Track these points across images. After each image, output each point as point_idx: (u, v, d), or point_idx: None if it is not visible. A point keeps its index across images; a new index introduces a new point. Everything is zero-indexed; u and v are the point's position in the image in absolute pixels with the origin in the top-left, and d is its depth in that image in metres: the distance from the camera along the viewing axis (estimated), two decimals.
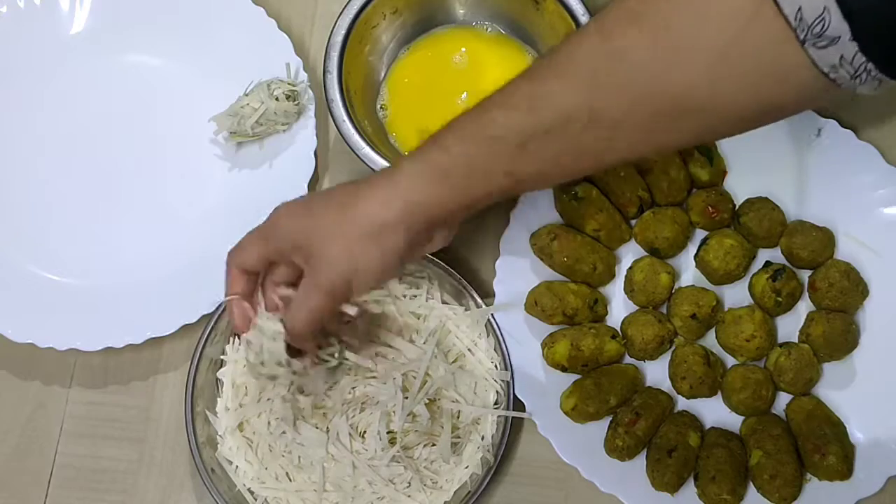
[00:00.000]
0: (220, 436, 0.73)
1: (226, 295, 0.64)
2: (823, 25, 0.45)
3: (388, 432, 0.70)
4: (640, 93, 0.52)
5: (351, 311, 0.62)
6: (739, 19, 0.48)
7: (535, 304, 0.73)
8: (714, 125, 0.55)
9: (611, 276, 0.76)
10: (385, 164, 0.73)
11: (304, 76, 0.80)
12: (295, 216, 0.62)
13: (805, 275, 0.75)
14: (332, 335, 0.67)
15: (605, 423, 0.72)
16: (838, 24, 0.45)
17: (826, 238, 0.75)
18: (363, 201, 0.59)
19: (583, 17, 0.75)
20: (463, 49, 0.82)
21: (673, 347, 0.74)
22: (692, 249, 0.76)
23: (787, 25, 0.46)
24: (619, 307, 0.76)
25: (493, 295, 0.75)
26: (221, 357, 0.75)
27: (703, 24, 0.49)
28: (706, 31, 0.49)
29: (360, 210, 0.59)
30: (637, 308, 0.75)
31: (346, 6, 0.76)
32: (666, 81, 0.51)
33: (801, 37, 0.46)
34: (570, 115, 0.54)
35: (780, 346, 0.73)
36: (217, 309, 0.73)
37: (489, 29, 0.82)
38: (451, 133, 0.58)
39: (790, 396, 0.73)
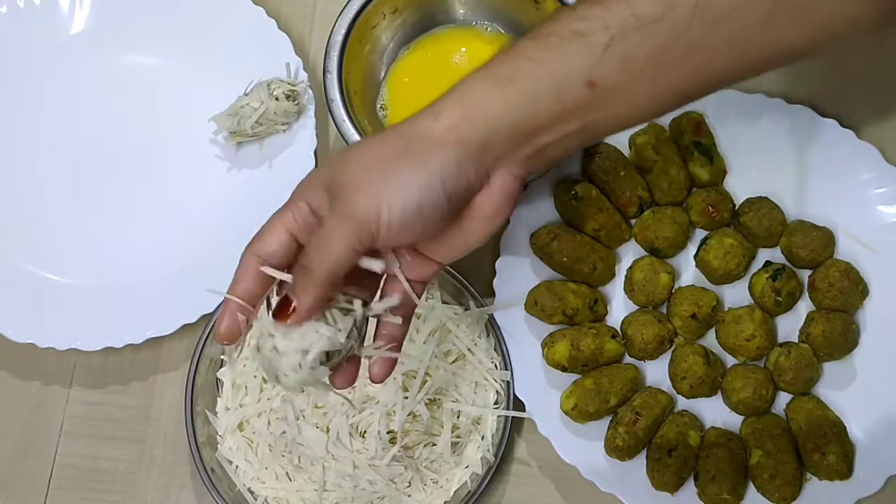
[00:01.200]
0: (220, 435, 0.73)
1: (229, 291, 0.52)
2: None
3: (388, 432, 0.70)
4: None
5: (376, 265, 0.49)
6: None
7: (535, 304, 0.73)
8: (838, 23, 0.46)
9: (611, 275, 0.76)
10: None
11: (303, 76, 0.80)
12: (329, 160, 0.53)
13: (805, 274, 0.75)
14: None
15: (605, 422, 0.72)
16: None
17: (826, 238, 0.75)
18: (412, 118, 0.49)
19: None
20: (463, 49, 0.82)
21: (673, 347, 0.74)
22: (692, 249, 0.76)
23: None
24: (618, 307, 0.76)
25: (493, 295, 0.75)
26: (221, 357, 0.75)
27: None
28: None
29: (404, 125, 0.49)
30: (637, 308, 0.75)
31: (345, 6, 0.76)
32: None
33: None
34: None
35: (780, 345, 0.73)
36: (217, 309, 0.73)
37: (489, 29, 0.82)
38: (531, 37, 0.48)
39: (790, 396, 0.73)
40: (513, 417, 0.71)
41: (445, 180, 0.47)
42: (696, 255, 0.75)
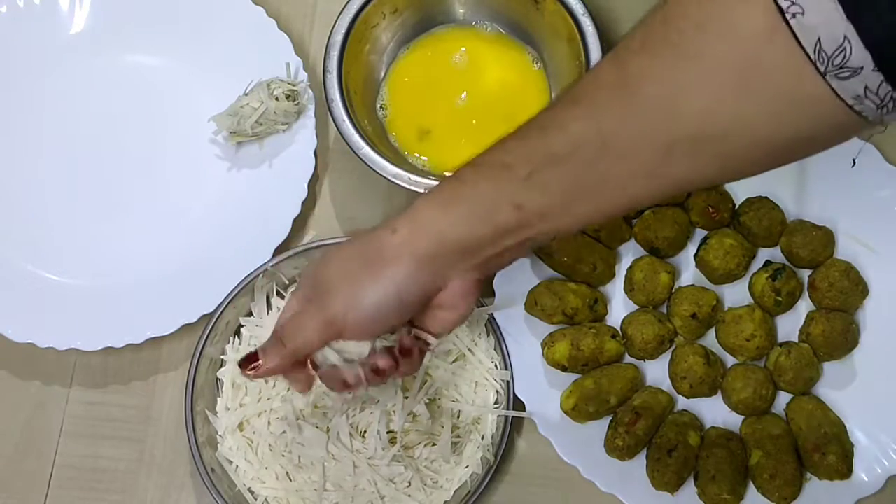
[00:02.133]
0: (220, 435, 0.73)
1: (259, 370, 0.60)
2: (844, 56, 0.43)
3: (388, 432, 0.70)
4: (654, 118, 0.49)
5: (333, 357, 0.58)
6: (756, 43, 0.45)
7: (535, 304, 0.73)
8: (738, 157, 0.50)
9: (611, 275, 0.76)
10: (385, 163, 0.73)
11: (303, 76, 0.80)
12: (317, 262, 0.60)
13: (805, 274, 0.75)
14: None
15: (605, 422, 0.72)
16: (860, 55, 0.43)
17: (826, 237, 0.75)
18: (374, 232, 0.57)
19: (583, 17, 0.75)
20: (463, 49, 0.82)
21: (673, 347, 0.74)
22: (692, 249, 0.76)
23: (805, 56, 0.44)
24: (618, 307, 0.76)
25: (493, 294, 0.75)
26: (221, 357, 0.75)
27: (719, 46, 0.46)
28: (722, 53, 0.46)
29: (369, 238, 0.57)
30: (637, 308, 0.75)
31: (345, 5, 0.76)
32: (681, 105, 0.48)
33: (822, 68, 0.44)
34: (581, 140, 0.51)
35: (780, 345, 0.73)
36: (217, 309, 0.73)
37: (489, 28, 0.82)
38: (470, 164, 0.56)
39: (790, 396, 0.73)
40: (513, 417, 0.71)
41: (399, 288, 0.55)
42: (696, 255, 0.75)
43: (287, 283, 0.76)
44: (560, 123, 0.52)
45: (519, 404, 0.72)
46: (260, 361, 0.59)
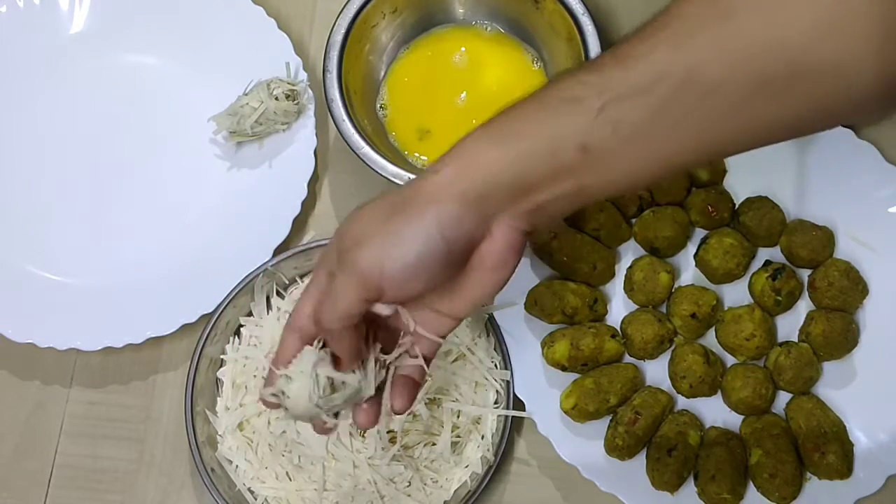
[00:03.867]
0: (220, 435, 0.73)
1: (273, 363, 0.54)
2: None
3: (388, 431, 0.70)
4: (749, 49, 0.45)
5: (384, 310, 0.51)
6: None
7: (535, 304, 0.73)
8: (830, 97, 0.46)
9: (610, 275, 0.76)
10: (385, 163, 0.73)
11: (303, 75, 0.80)
12: (338, 229, 0.53)
13: (805, 274, 0.75)
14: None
15: (604, 422, 0.72)
16: None
17: (826, 237, 0.75)
18: (415, 178, 0.51)
19: (582, 16, 0.75)
20: (462, 48, 0.82)
21: (673, 346, 0.74)
22: (692, 248, 0.76)
23: None
24: (618, 306, 0.76)
25: None
26: (221, 356, 0.75)
27: None
28: None
29: (407, 184, 0.51)
30: (637, 307, 0.75)
31: (345, 5, 0.76)
32: (780, 35, 0.44)
33: None
34: (664, 71, 0.46)
35: (780, 345, 0.73)
36: (217, 309, 0.73)
37: (489, 28, 0.82)
38: (531, 98, 0.50)
39: (790, 395, 0.73)
40: (512, 417, 0.72)
41: (444, 230, 0.49)
42: (695, 255, 0.75)
43: (287, 282, 0.76)
44: (640, 54, 0.47)
45: (519, 404, 0.72)
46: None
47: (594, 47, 0.74)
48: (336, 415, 0.54)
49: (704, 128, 0.48)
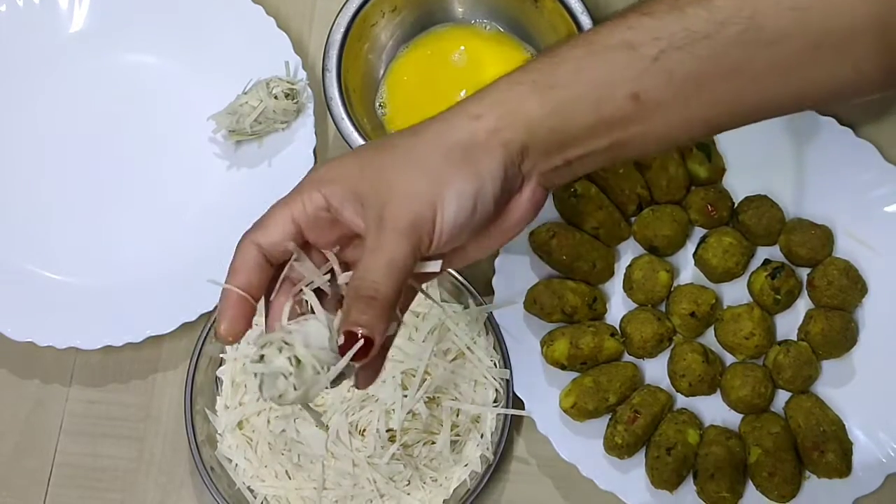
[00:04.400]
0: (219, 434, 0.73)
1: (227, 281, 0.47)
2: None
3: (387, 430, 0.70)
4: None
5: (434, 266, 0.46)
6: None
7: (534, 303, 0.73)
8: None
9: (610, 273, 0.76)
10: None
11: (302, 74, 0.80)
12: (348, 160, 0.47)
13: (804, 273, 0.75)
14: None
15: (604, 420, 0.72)
16: None
17: (825, 236, 0.75)
18: (444, 119, 0.47)
19: (581, 15, 0.75)
20: (462, 47, 0.82)
21: (672, 345, 0.74)
22: (691, 247, 0.76)
23: None
24: (618, 305, 0.76)
25: (492, 293, 0.75)
26: (221, 355, 0.75)
27: None
28: None
29: (440, 127, 0.47)
30: (636, 306, 0.75)
31: (344, 4, 0.76)
32: None
33: None
34: (727, 17, 0.43)
35: (779, 343, 0.73)
36: (216, 307, 0.73)
37: (488, 27, 0.82)
38: (572, 44, 0.46)
39: (789, 394, 0.73)
40: (512, 416, 0.72)
41: (496, 187, 0.46)
42: (695, 254, 0.75)
43: None
44: None
45: (518, 403, 0.72)
46: (364, 334, 0.44)
47: None
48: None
49: (759, 79, 0.45)
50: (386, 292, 0.44)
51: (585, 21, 0.75)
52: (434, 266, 0.46)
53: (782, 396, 0.73)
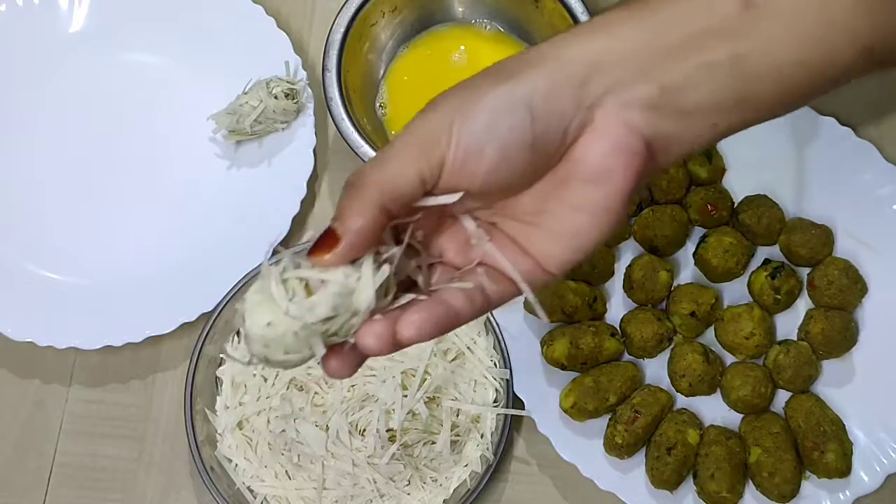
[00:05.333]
0: (219, 434, 0.73)
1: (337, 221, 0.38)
2: None
3: (387, 430, 0.70)
4: None
5: (443, 199, 0.39)
6: None
7: None
8: None
9: (610, 273, 0.76)
10: None
11: (302, 74, 0.80)
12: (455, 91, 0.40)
13: (804, 272, 0.75)
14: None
15: (604, 420, 0.72)
16: None
17: (825, 235, 0.75)
18: (542, 46, 0.39)
19: (581, 16, 0.75)
20: (462, 47, 0.82)
21: (672, 345, 0.74)
22: (691, 247, 0.76)
23: None
24: (618, 305, 0.76)
25: None
26: (220, 355, 0.75)
27: None
28: None
29: (504, 59, 0.40)
30: (636, 306, 0.75)
31: (344, 4, 0.76)
32: None
33: None
34: None
35: (780, 343, 0.73)
36: (216, 307, 0.73)
37: (488, 27, 0.82)
38: None
39: (789, 394, 0.73)
40: (512, 416, 0.71)
41: (533, 99, 0.37)
42: (695, 253, 0.75)
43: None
44: None
45: (518, 403, 0.72)
46: (338, 230, 0.37)
47: None
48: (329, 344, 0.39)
49: None
50: (370, 185, 0.37)
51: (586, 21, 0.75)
52: (450, 197, 0.38)
53: (782, 396, 0.73)
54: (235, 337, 0.76)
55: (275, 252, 0.44)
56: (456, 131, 0.37)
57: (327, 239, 0.37)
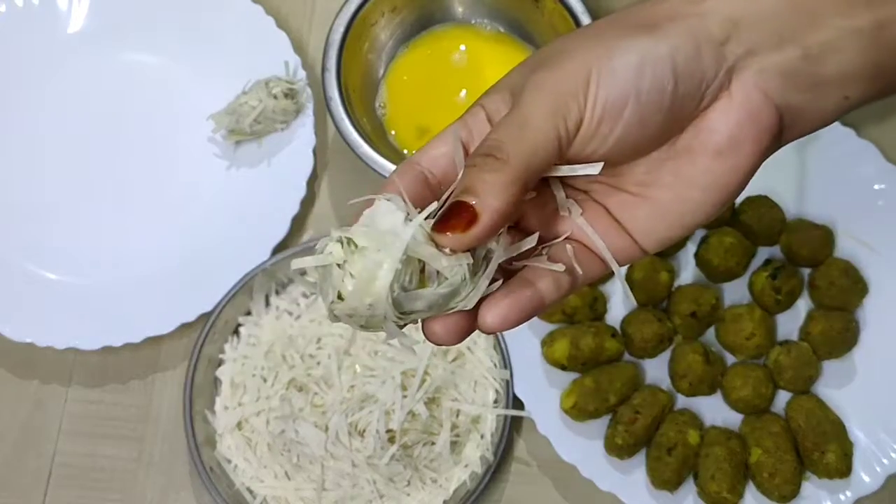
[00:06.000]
0: (218, 434, 0.73)
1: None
2: None
3: (387, 431, 0.70)
4: None
5: (592, 168, 0.35)
6: None
7: None
8: None
9: (610, 273, 0.76)
10: (384, 162, 0.73)
11: (302, 74, 0.80)
12: (517, 66, 0.38)
13: (805, 273, 0.75)
14: None
15: (604, 421, 0.72)
16: None
17: (825, 236, 0.75)
18: (645, 1, 0.36)
19: (582, 16, 0.75)
20: (462, 47, 0.82)
21: (672, 345, 0.74)
22: (692, 247, 0.76)
23: None
24: (618, 305, 0.76)
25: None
26: (220, 356, 0.75)
27: None
28: None
29: (632, 7, 0.36)
30: (637, 306, 0.75)
31: (344, 4, 0.76)
32: None
33: None
34: None
35: (780, 344, 0.73)
36: (215, 308, 0.73)
37: (488, 27, 0.82)
38: None
39: (790, 394, 0.73)
40: (512, 416, 0.71)
41: (676, 57, 0.34)
42: (695, 254, 0.75)
43: (286, 281, 0.76)
44: None
45: (518, 403, 0.72)
46: (477, 207, 0.33)
47: None
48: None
49: None
50: (515, 157, 0.33)
51: (586, 21, 0.75)
52: (593, 168, 0.34)
53: (783, 397, 0.73)
54: (234, 337, 0.75)
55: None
56: (595, 86, 0.34)
57: (463, 213, 0.33)
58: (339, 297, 0.33)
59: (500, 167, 0.33)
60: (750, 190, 0.75)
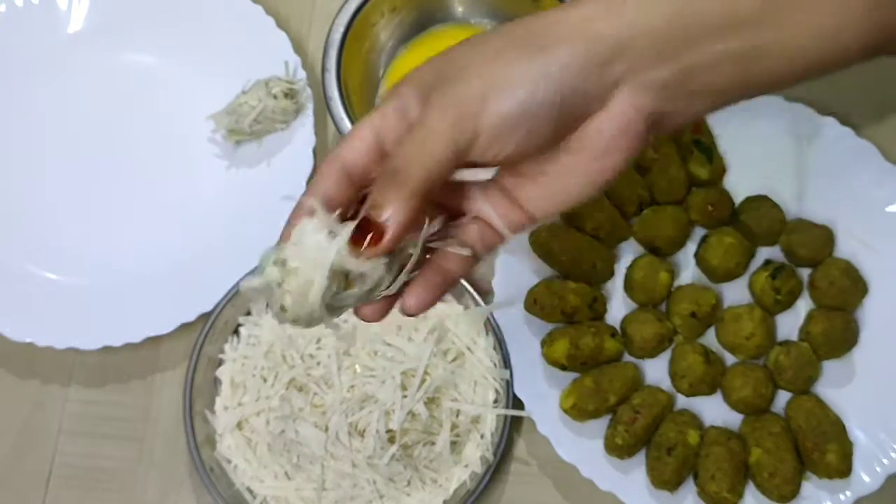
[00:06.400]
0: (218, 434, 0.73)
1: (305, 194, 0.43)
2: None
3: (387, 431, 0.70)
4: None
5: (482, 174, 0.42)
6: None
7: (535, 303, 0.73)
8: None
9: (610, 274, 0.76)
10: None
11: (302, 74, 0.80)
12: (432, 58, 0.42)
13: (805, 273, 0.75)
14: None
15: (604, 421, 0.72)
16: None
17: (825, 236, 0.75)
18: (547, 11, 0.40)
19: None
20: None
21: (672, 346, 0.74)
22: (692, 248, 0.76)
23: None
24: (618, 305, 0.76)
25: (492, 293, 0.75)
26: (220, 356, 0.75)
27: None
28: None
29: (529, 17, 0.41)
30: (636, 306, 0.75)
31: (344, 4, 0.76)
32: None
33: None
34: None
35: (780, 344, 0.73)
36: (215, 308, 0.73)
37: (488, 27, 0.82)
38: None
39: (790, 394, 0.73)
40: (512, 416, 0.71)
41: (563, 78, 0.38)
42: (695, 254, 0.75)
43: None
44: None
45: (518, 403, 0.72)
46: (383, 222, 0.39)
47: None
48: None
49: None
50: (415, 173, 0.38)
51: None
52: (486, 172, 0.41)
53: (783, 397, 0.73)
54: (234, 337, 0.75)
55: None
56: (493, 104, 0.38)
57: (371, 229, 0.39)
58: (283, 308, 0.40)
59: (402, 183, 0.39)
60: (750, 190, 0.76)
